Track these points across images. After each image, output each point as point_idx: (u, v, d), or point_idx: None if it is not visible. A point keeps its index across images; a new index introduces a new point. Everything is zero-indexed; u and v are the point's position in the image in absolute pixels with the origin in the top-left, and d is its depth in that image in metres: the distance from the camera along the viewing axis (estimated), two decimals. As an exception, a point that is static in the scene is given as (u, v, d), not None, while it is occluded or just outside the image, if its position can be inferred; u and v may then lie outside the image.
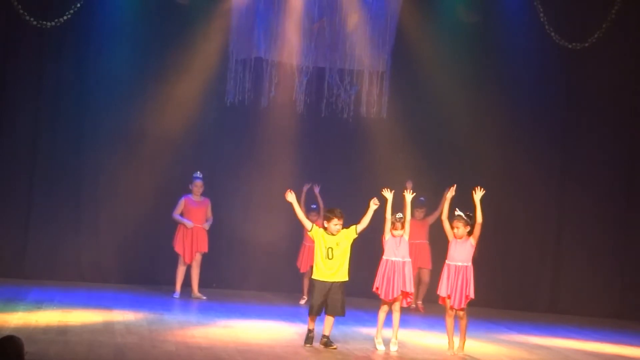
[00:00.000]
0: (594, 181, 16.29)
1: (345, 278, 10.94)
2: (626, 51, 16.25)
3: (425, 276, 15.30)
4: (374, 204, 10.92)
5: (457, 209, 11.07)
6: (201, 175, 14.64)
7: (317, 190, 15.24)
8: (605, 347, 12.60)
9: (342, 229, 10.91)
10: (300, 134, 16.06)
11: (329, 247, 10.80)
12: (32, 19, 14.89)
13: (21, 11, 14.83)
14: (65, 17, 15.00)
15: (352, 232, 10.94)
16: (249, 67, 15.65)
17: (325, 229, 10.93)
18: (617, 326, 14.87)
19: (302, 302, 14.73)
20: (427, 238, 15.32)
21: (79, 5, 15.01)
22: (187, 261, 14.53)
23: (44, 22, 14.96)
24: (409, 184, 14.11)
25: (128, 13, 15.24)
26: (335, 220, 10.85)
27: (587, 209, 16.25)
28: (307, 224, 11.05)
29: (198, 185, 14.63)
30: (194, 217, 14.55)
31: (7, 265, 14.86)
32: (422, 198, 15.12)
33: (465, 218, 10.98)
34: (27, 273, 14.93)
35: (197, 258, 14.61)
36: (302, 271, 14.99)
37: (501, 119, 16.17)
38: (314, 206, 15.06)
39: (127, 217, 15.41)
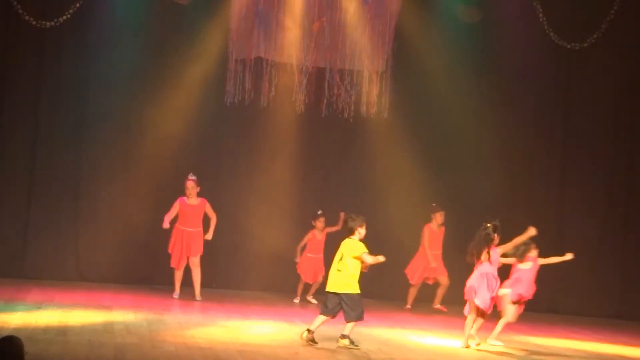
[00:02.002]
0: (594, 181, 16.30)
1: None
2: (625, 51, 16.27)
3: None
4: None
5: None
6: (194, 177, 14.33)
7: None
8: (605, 347, 12.60)
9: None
10: (300, 134, 16.05)
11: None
12: (31, 19, 14.88)
13: (21, 11, 14.83)
14: (64, 17, 15.00)
15: None
16: (249, 67, 15.65)
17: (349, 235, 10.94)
18: (617, 326, 14.87)
19: (297, 300, 15.00)
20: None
21: (78, 5, 15.01)
22: (173, 265, 14.33)
23: (44, 22, 14.96)
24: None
25: (127, 13, 15.21)
26: (365, 225, 10.97)
27: (587, 209, 16.25)
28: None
29: (188, 187, 14.25)
30: (188, 220, 14.28)
31: (7, 265, 14.85)
32: (434, 204, 15.08)
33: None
34: (27, 273, 14.92)
35: (195, 261, 14.40)
36: (309, 281, 15.11)
37: (501, 118, 16.18)
38: (320, 212, 14.97)
39: (127, 217, 15.39)
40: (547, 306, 16.07)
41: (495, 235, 11.55)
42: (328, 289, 10.89)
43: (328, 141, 16.24)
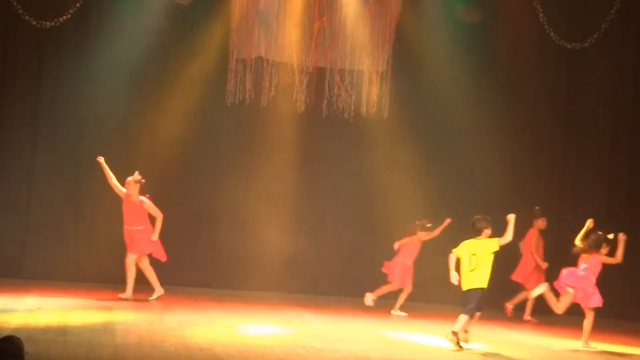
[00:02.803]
0: (594, 181, 16.29)
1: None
2: (625, 52, 16.27)
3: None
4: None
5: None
6: (136, 177, 13.71)
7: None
8: (605, 347, 12.60)
9: None
10: (300, 133, 16.05)
11: None
12: (31, 19, 14.88)
13: (21, 11, 14.84)
14: (64, 17, 15.01)
15: None
16: (250, 66, 15.65)
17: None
18: (617, 326, 14.86)
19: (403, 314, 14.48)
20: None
21: (78, 5, 15.01)
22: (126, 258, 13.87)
23: (44, 22, 14.96)
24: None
25: (127, 13, 15.21)
26: (490, 226, 11.62)
27: (587, 210, 16.22)
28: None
29: (125, 183, 13.68)
30: (128, 218, 13.74)
31: (7, 266, 14.85)
32: (536, 207, 15.02)
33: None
34: (27, 273, 14.92)
35: (142, 262, 13.82)
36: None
37: (501, 118, 16.18)
38: (430, 225, 14.60)
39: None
40: (548, 306, 16.04)
41: (605, 245, 12.37)
42: (464, 288, 11.40)
43: (328, 141, 16.24)
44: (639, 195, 16.27)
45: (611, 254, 12.53)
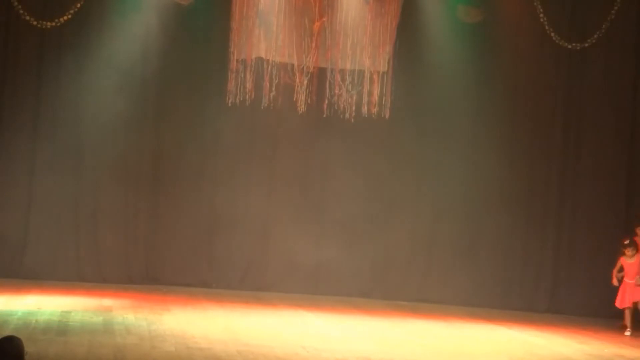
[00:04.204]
0: (594, 182, 16.28)
1: None
2: (626, 52, 16.26)
3: None
4: None
5: None
6: None
7: None
8: (605, 347, 12.60)
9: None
10: (301, 134, 16.04)
11: None
12: (32, 19, 14.89)
13: (21, 11, 14.84)
14: (64, 17, 15.00)
15: None
16: (250, 66, 15.64)
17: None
18: (617, 326, 14.85)
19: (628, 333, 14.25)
20: None
21: (79, 5, 15.01)
22: None
23: (44, 22, 14.96)
24: None
25: (128, 13, 15.20)
26: None
27: (587, 210, 16.25)
28: None
29: None
30: None
31: (7, 265, 14.85)
32: None
33: None
34: (27, 273, 14.92)
35: None
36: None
37: (501, 119, 16.17)
38: (627, 242, 14.52)
39: (127, 216, 15.39)
40: (547, 306, 16.07)
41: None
42: None
43: (329, 141, 16.21)
44: (639, 195, 16.26)
45: None
